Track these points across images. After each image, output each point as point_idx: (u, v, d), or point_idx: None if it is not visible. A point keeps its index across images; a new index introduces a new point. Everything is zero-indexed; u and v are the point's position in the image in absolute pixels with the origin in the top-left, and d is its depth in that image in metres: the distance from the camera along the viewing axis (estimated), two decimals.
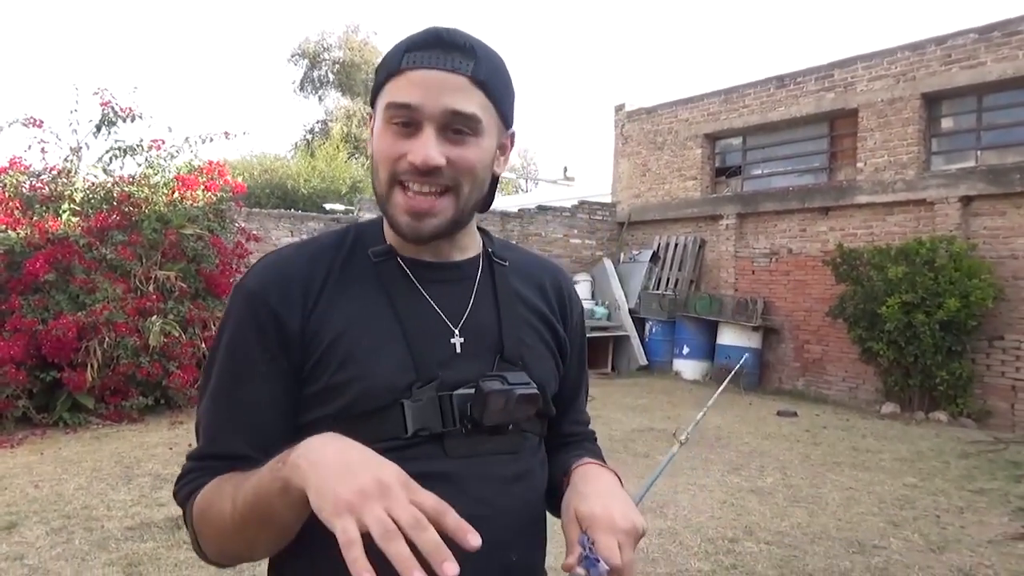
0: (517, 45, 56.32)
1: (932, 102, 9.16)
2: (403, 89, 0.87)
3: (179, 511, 3.27)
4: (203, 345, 7.39)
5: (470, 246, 1.02)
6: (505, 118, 0.94)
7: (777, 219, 10.70)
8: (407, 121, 0.87)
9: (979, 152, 8.87)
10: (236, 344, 0.92)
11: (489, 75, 0.90)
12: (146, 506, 4.40)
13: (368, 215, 11.10)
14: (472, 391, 0.90)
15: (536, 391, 0.92)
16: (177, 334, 7.05)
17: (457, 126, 0.88)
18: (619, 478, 0.99)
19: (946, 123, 9.30)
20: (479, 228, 1.06)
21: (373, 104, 0.95)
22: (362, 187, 15.32)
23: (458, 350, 0.94)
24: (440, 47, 0.88)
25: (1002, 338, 8.19)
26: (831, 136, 10.44)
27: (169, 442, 6.07)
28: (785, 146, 11.10)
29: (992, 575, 3.68)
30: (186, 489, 0.92)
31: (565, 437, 1.13)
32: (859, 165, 9.72)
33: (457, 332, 0.95)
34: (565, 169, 24.53)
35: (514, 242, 1.18)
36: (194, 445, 0.96)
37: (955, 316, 7.86)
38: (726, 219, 11.29)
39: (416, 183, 0.88)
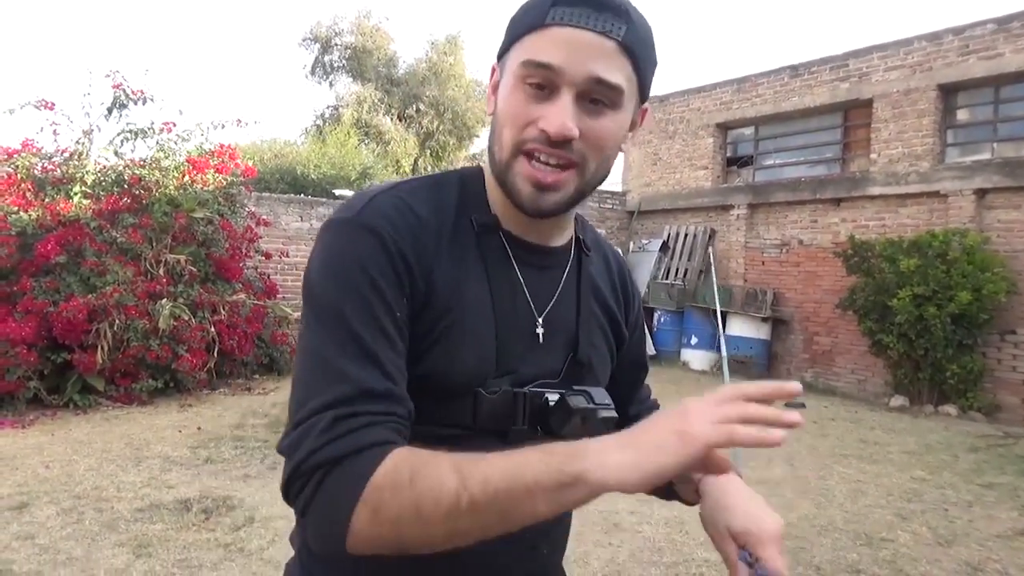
0: None
1: (948, 93, 9.06)
2: (545, 47, 0.78)
3: (188, 494, 3.24)
4: (212, 329, 7.42)
5: (567, 229, 0.96)
6: (644, 91, 0.86)
7: (788, 210, 10.63)
8: (544, 83, 0.79)
9: (995, 144, 8.78)
10: (362, 277, 0.78)
11: (639, 42, 0.80)
12: (155, 488, 4.43)
13: None
14: (544, 390, 0.88)
15: (616, 415, 0.89)
16: (187, 318, 7.07)
17: (597, 96, 0.79)
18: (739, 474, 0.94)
19: (962, 115, 9.20)
20: None
21: (500, 57, 0.86)
22: (372, 173, 15.29)
23: (541, 340, 0.90)
24: (592, 4, 0.78)
25: (1014, 332, 8.13)
26: (845, 127, 10.35)
27: (178, 425, 6.10)
28: (798, 136, 11.02)
29: (1000, 569, 3.66)
30: (345, 442, 0.70)
31: (635, 419, 1.10)
32: (872, 156, 9.64)
33: (541, 322, 0.90)
34: None
35: None
36: (203, 428, 0.95)
37: (967, 310, 7.80)
38: (737, 209, 11.23)
39: (544, 153, 0.80)
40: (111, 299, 6.62)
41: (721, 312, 10.67)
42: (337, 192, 12.48)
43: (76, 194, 7.34)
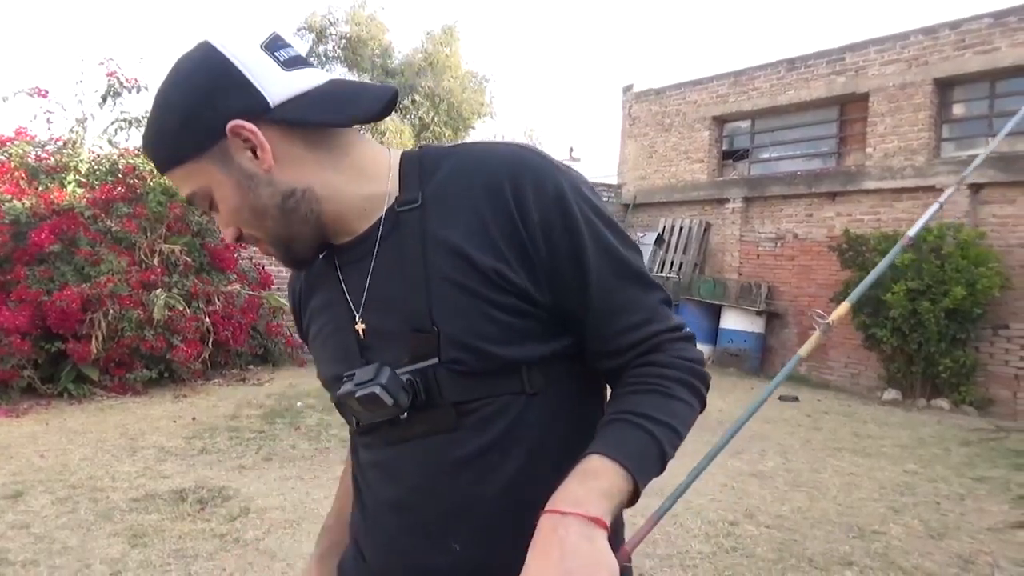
0: (524, 21, 55.84)
1: (944, 87, 9.07)
2: None
3: (183, 484, 3.35)
4: (207, 319, 7.40)
5: (373, 208, 0.88)
6: (201, 146, 0.81)
7: (784, 203, 10.65)
8: None
9: (990, 139, 8.80)
10: None
11: (160, 150, 0.83)
12: (150, 478, 4.43)
13: None
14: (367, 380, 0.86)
15: (373, 391, 0.81)
16: (181, 308, 7.05)
17: (204, 207, 0.86)
18: (600, 524, 0.72)
19: (958, 109, 9.22)
20: (413, 156, 0.90)
21: None
22: None
23: (362, 336, 0.88)
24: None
25: (1007, 327, 8.17)
26: (841, 120, 10.36)
27: (173, 415, 6.10)
28: (794, 130, 11.03)
29: (991, 562, 3.69)
30: None
31: (613, 355, 0.88)
32: (868, 150, 9.66)
33: (358, 317, 0.89)
34: (571, 149, 24.46)
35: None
36: (198, 418, 1.00)
37: (960, 304, 7.84)
38: (732, 203, 11.24)
39: None
40: (105, 289, 6.60)
41: (716, 305, 10.69)
42: None
43: (70, 183, 7.30)
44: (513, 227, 0.82)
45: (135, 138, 8.04)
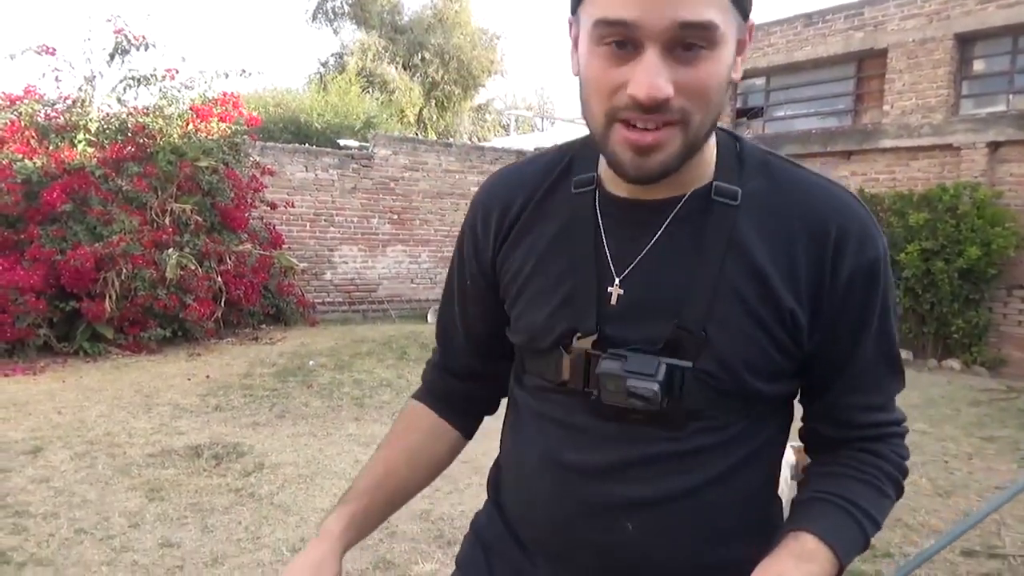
0: None
1: (965, 43, 8.85)
2: (617, 0, 0.68)
3: (198, 440, 3.38)
4: (219, 279, 7.44)
5: (693, 178, 0.80)
6: (744, 9, 0.72)
7: (798, 162, 10.51)
8: (624, 39, 0.68)
9: (1011, 96, 8.62)
10: (455, 261, 0.98)
11: None
12: (166, 434, 4.50)
13: (383, 151, 10.91)
14: (616, 354, 0.80)
15: (651, 393, 0.76)
16: (193, 267, 7.09)
17: (690, 40, 0.68)
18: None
19: (978, 65, 9.01)
20: (729, 139, 0.85)
21: (574, 10, 0.76)
22: (376, 123, 15.10)
23: (613, 302, 0.81)
24: None
25: (1021, 287, 8.10)
26: (858, 78, 10.15)
27: (187, 373, 6.17)
28: (810, 87, 10.82)
29: (998, 519, 3.71)
30: (418, 390, 1.06)
31: (838, 425, 0.89)
32: (885, 108, 9.48)
33: (618, 282, 0.81)
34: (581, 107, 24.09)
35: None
36: (212, 376, 0.97)
37: (975, 264, 7.78)
38: None
39: (640, 121, 0.70)
40: (118, 248, 6.64)
41: None
42: (342, 142, 12.36)
43: (80, 142, 7.29)
44: (821, 274, 0.79)
45: (144, 96, 8.01)
